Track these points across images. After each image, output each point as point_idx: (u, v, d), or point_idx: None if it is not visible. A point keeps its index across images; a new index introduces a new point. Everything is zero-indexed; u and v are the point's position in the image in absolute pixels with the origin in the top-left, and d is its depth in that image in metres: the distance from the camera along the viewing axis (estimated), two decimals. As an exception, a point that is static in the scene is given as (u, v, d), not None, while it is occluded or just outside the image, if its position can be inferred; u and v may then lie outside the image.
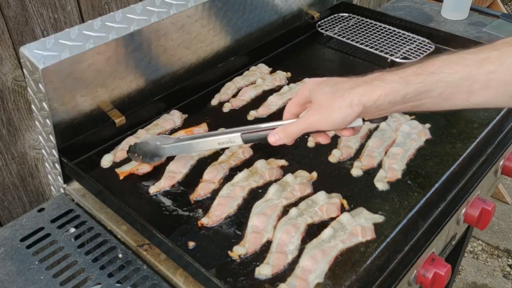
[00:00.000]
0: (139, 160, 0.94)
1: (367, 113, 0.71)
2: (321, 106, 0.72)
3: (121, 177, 0.96)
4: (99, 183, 0.89)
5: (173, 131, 1.07)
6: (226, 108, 1.15)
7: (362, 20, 1.50)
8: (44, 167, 1.26)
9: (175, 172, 0.97)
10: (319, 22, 1.47)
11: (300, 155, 1.00)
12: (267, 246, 0.82)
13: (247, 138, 0.82)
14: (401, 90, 0.67)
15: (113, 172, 0.98)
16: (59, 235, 0.88)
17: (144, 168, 0.97)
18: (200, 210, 0.89)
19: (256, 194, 0.92)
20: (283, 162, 0.99)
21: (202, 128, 1.09)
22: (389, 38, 1.40)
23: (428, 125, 1.06)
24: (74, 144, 0.98)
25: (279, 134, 0.77)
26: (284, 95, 1.18)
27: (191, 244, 0.82)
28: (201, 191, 0.92)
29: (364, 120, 0.74)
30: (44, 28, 1.12)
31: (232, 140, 0.83)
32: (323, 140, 0.79)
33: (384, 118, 0.74)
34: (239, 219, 0.87)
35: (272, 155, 1.00)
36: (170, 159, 0.98)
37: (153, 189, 0.93)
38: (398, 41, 1.38)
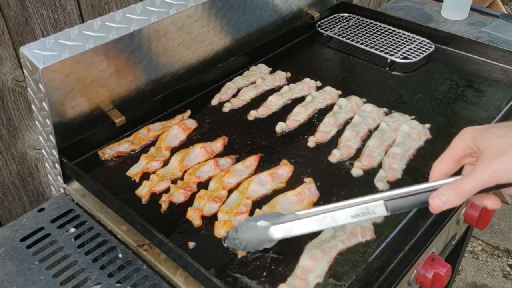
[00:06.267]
0: (241, 249, 0.74)
1: None
2: (502, 151, 0.56)
3: (137, 180, 0.94)
4: (99, 183, 0.89)
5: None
6: (226, 108, 1.15)
7: (362, 20, 1.50)
8: (44, 167, 1.26)
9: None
10: (319, 22, 1.47)
11: (300, 155, 1.00)
12: (267, 246, 0.82)
13: (394, 206, 0.63)
14: None
15: (113, 172, 0.98)
16: (59, 235, 0.88)
17: (154, 165, 0.97)
18: (200, 210, 0.89)
19: (256, 194, 0.91)
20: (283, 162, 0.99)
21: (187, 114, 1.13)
22: (389, 38, 1.40)
23: (428, 125, 1.06)
24: (74, 144, 0.98)
25: (447, 196, 0.60)
26: (284, 95, 1.18)
27: (191, 244, 0.82)
28: (201, 191, 0.92)
29: None
30: (44, 28, 1.12)
31: (371, 211, 0.64)
32: (492, 204, 0.64)
33: None
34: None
35: (272, 155, 1.00)
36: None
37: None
38: (398, 41, 1.38)
